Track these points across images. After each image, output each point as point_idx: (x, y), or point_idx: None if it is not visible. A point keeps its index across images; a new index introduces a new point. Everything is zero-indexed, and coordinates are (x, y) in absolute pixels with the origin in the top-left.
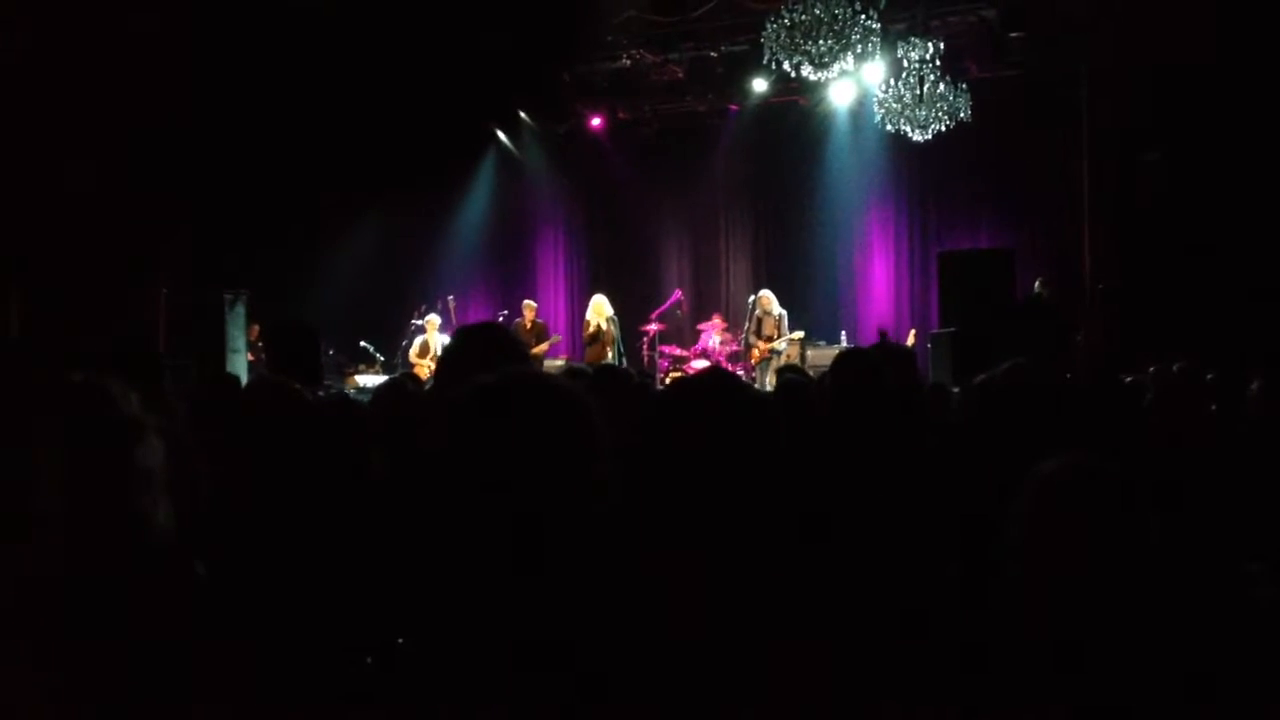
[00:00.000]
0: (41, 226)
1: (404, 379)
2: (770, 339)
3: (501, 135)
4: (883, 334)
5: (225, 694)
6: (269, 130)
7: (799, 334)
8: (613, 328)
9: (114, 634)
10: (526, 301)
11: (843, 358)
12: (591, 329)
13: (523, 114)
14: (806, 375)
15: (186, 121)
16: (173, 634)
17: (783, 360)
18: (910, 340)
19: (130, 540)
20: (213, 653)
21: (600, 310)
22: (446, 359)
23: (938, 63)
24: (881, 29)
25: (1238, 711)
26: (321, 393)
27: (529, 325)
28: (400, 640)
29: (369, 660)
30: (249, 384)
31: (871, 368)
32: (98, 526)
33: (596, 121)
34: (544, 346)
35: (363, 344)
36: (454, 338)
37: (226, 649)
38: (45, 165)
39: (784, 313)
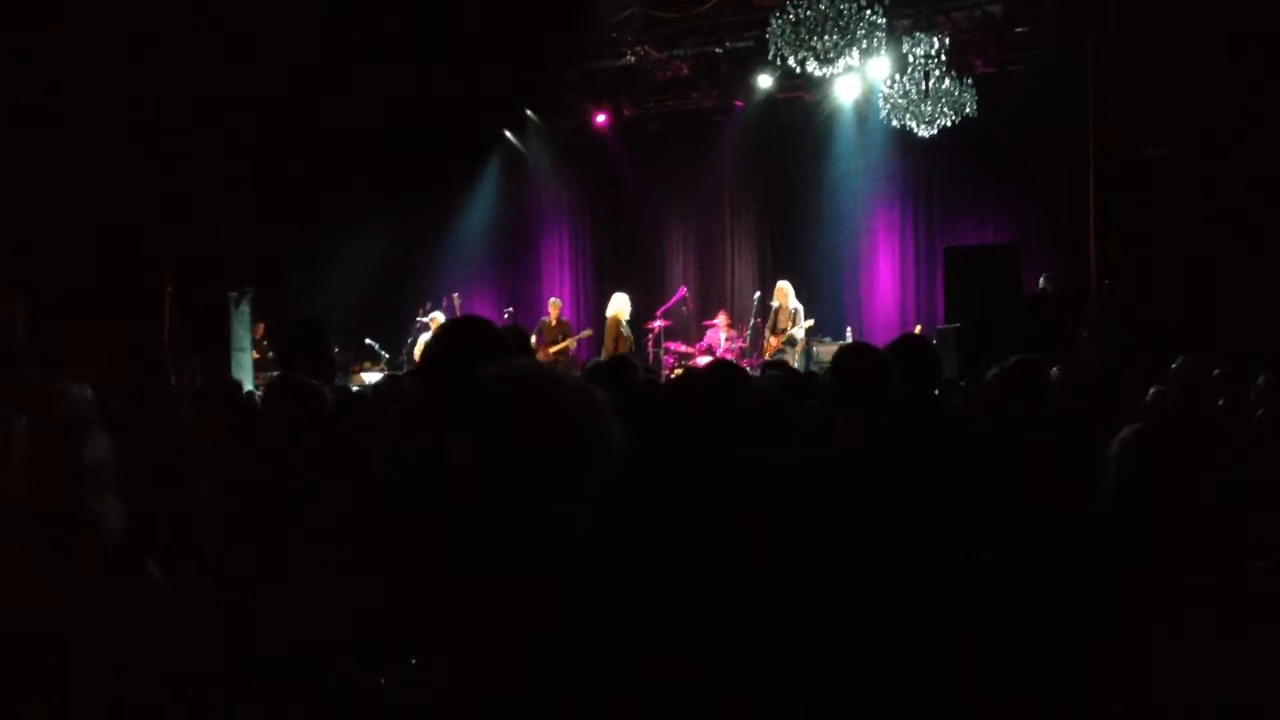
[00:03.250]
0: (46, 226)
1: (404, 376)
2: (783, 331)
3: (507, 133)
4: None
5: (186, 704)
6: (274, 127)
7: (809, 322)
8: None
9: (65, 639)
10: (552, 299)
11: (844, 354)
12: (610, 327)
13: (528, 111)
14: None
15: (192, 117)
16: (124, 639)
17: (799, 350)
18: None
19: (78, 542)
20: (171, 658)
21: (619, 310)
22: (429, 353)
23: (943, 58)
24: (887, 24)
25: None
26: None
27: (554, 322)
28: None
29: (382, 680)
30: (270, 384)
31: (876, 366)
32: (42, 528)
33: (601, 118)
34: (570, 343)
35: (368, 341)
36: (436, 332)
37: (188, 653)
38: (49, 165)
39: (800, 306)
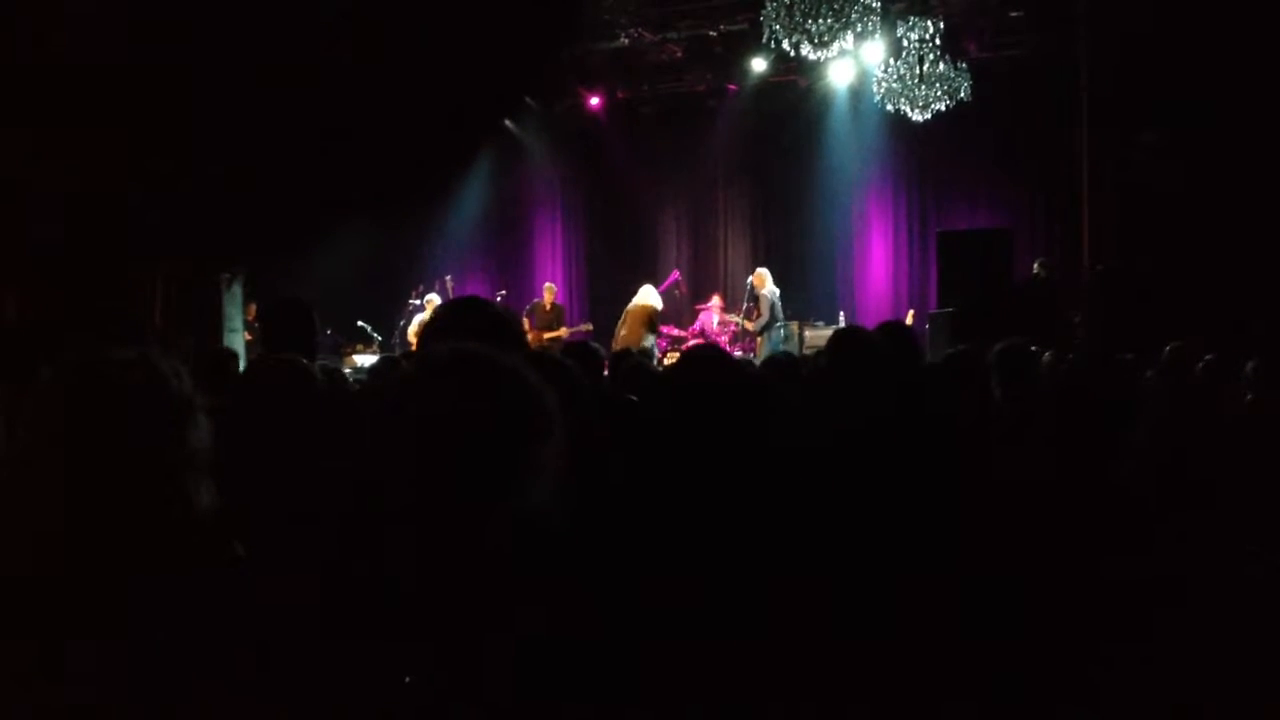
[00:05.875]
0: (36, 204)
1: (401, 358)
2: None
3: (507, 122)
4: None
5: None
6: (267, 112)
7: (764, 319)
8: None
9: (159, 620)
10: (547, 284)
11: (840, 336)
12: (642, 317)
13: (528, 99)
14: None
15: (187, 97)
16: (219, 618)
17: (764, 339)
18: (909, 320)
19: (178, 523)
20: (254, 638)
21: (655, 302)
22: (428, 333)
23: (937, 42)
24: (881, 8)
25: None
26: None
27: (548, 307)
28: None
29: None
30: (253, 361)
31: (869, 346)
32: (144, 509)
33: (595, 101)
34: (563, 332)
35: (360, 323)
36: (435, 312)
37: (269, 633)
38: (40, 145)
39: (773, 292)
